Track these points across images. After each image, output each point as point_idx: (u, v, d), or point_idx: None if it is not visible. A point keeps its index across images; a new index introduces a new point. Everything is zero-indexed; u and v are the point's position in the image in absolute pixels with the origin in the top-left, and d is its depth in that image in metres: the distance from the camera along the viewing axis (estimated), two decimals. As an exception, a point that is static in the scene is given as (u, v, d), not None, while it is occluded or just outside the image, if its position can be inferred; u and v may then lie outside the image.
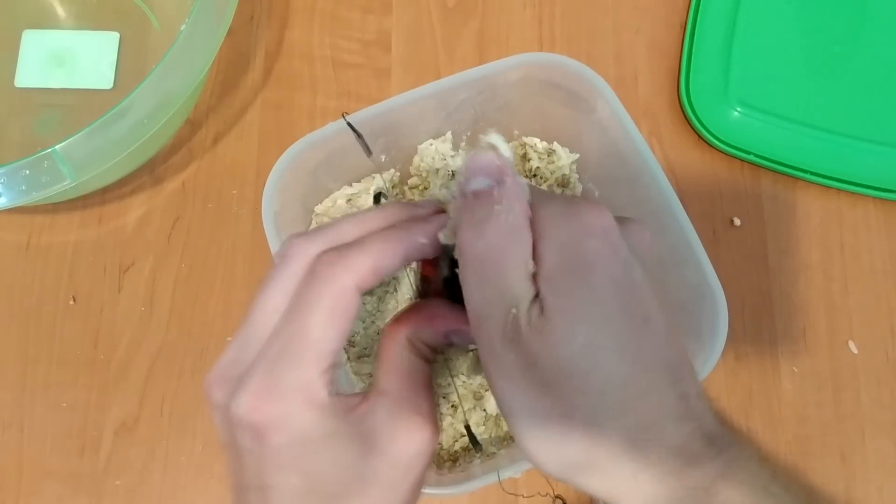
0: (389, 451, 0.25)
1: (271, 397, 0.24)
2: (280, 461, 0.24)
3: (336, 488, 0.24)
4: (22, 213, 0.49)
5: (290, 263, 0.26)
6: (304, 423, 0.24)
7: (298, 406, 0.24)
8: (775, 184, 0.52)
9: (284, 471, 0.24)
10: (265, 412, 0.24)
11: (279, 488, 0.24)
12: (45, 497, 0.45)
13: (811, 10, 0.54)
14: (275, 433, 0.24)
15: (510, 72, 0.42)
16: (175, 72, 0.42)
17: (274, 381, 0.24)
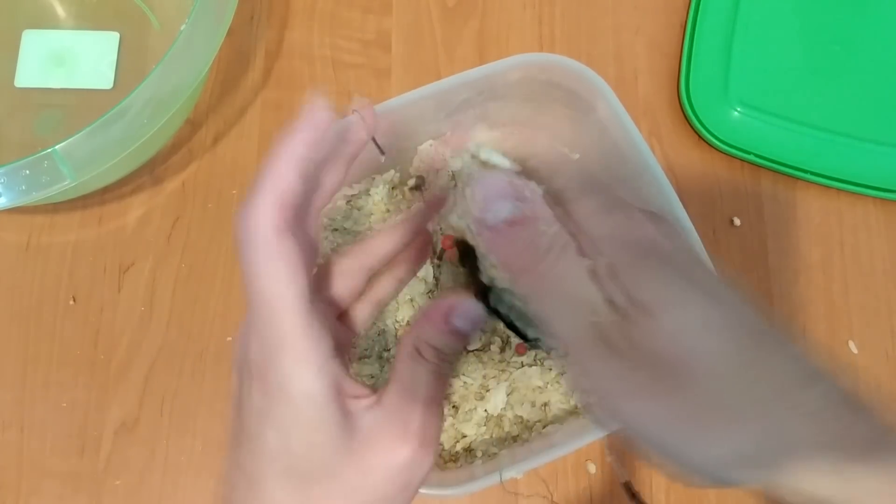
0: (365, 458, 0.24)
1: (262, 333, 0.24)
2: (262, 408, 0.24)
3: (305, 463, 0.24)
4: (22, 213, 0.49)
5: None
6: (285, 363, 0.24)
7: (278, 335, 0.24)
8: (775, 184, 0.52)
9: (268, 424, 0.24)
10: (257, 350, 0.25)
11: (260, 442, 0.25)
12: (45, 497, 0.45)
13: (811, 10, 0.54)
14: (265, 373, 0.24)
15: (510, 72, 0.42)
16: (175, 72, 0.42)
17: (259, 317, 0.25)
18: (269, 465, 0.25)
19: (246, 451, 0.25)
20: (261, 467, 0.25)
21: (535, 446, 0.40)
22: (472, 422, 0.42)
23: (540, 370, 0.43)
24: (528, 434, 0.42)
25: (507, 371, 0.43)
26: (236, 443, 0.26)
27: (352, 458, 0.24)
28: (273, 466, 0.24)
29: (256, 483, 0.25)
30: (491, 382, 0.43)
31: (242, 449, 0.25)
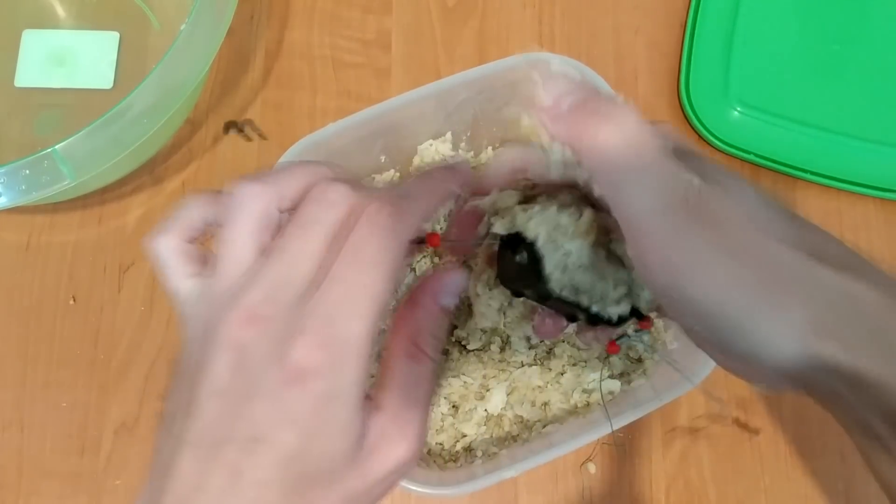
0: (367, 463, 0.24)
1: (331, 342, 0.23)
2: (295, 412, 0.23)
3: (315, 470, 0.23)
4: (22, 213, 0.49)
5: (330, 209, 0.25)
6: (346, 378, 0.23)
7: (351, 359, 0.23)
8: (775, 183, 0.52)
9: (291, 426, 0.23)
10: (321, 356, 0.23)
11: (272, 444, 0.23)
12: (45, 497, 0.45)
13: (811, 10, 0.54)
14: (318, 378, 0.23)
15: (510, 72, 0.42)
16: (175, 72, 0.42)
17: (336, 328, 0.23)
18: (277, 470, 0.23)
19: (240, 448, 0.23)
20: (263, 470, 0.23)
21: (535, 446, 0.40)
22: (472, 421, 0.42)
23: (540, 370, 0.43)
24: (528, 434, 0.42)
25: (507, 371, 0.43)
26: (208, 434, 0.23)
27: (356, 465, 0.24)
28: (282, 471, 0.23)
29: (251, 484, 0.23)
30: (491, 382, 0.43)
31: (233, 445, 0.23)
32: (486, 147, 0.48)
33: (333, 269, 0.24)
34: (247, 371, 0.23)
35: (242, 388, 0.23)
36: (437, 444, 0.42)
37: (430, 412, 0.26)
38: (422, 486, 0.35)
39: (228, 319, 0.23)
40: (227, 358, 0.23)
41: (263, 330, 0.23)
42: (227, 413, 0.23)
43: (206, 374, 0.23)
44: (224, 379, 0.23)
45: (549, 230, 0.28)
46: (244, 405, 0.23)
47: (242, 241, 0.25)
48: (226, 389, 0.23)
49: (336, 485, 0.24)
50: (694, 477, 0.46)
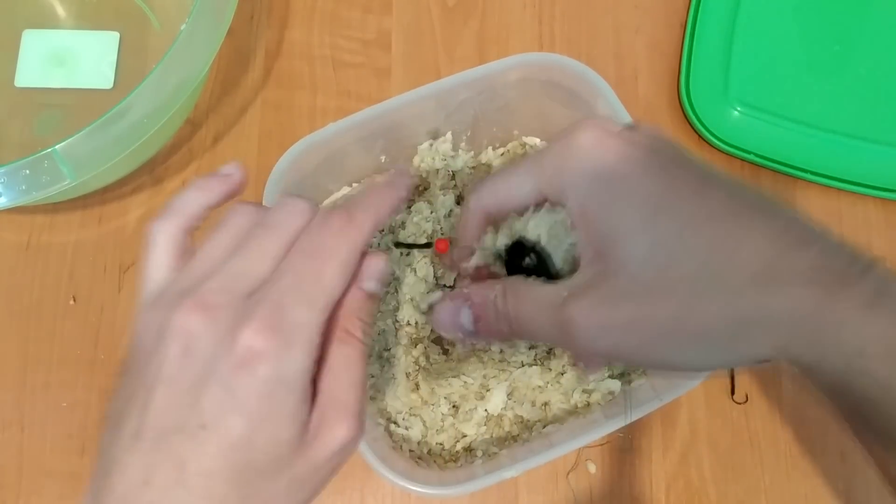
0: (311, 448, 0.25)
1: (279, 328, 0.23)
2: (243, 398, 0.23)
3: (262, 458, 0.23)
4: (22, 213, 0.49)
5: (295, 216, 0.26)
6: (293, 364, 0.24)
7: (298, 345, 0.24)
8: (775, 183, 0.52)
9: (239, 412, 0.23)
10: (268, 341, 0.23)
11: (219, 431, 0.23)
12: (45, 497, 0.45)
13: (811, 10, 0.54)
14: (264, 363, 0.23)
15: (510, 72, 0.42)
16: (175, 72, 0.42)
17: (285, 314, 0.24)
18: (224, 459, 0.23)
19: (187, 437, 0.23)
20: (209, 459, 0.23)
21: (535, 446, 0.40)
22: (473, 421, 0.42)
23: (540, 370, 0.43)
24: (529, 434, 0.42)
25: (507, 371, 0.43)
26: (156, 424, 0.23)
27: (302, 450, 0.24)
28: (228, 460, 0.23)
29: (196, 475, 0.23)
30: (491, 382, 0.43)
31: (181, 435, 0.23)
32: (486, 147, 0.48)
33: (284, 262, 0.25)
34: (196, 358, 0.23)
35: (191, 375, 0.23)
36: (437, 444, 0.42)
37: (367, 392, 0.28)
38: (422, 486, 0.35)
39: (181, 308, 0.24)
40: (177, 346, 0.24)
41: (213, 317, 0.24)
42: (175, 402, 0.23)
43: (155, 364, 0.24)
44: (174, 367, 0.23)
45: (548, 228, 0.29)
46: (192, 392, 0.23)
47: (218, 249, 0.26)
48: (175, 378, 0.23)
49: (283, 472, 0.24)
50: (694, 477, 0.46)
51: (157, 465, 0.23)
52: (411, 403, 0.42)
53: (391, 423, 0.42)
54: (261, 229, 0.26)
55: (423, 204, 0.45)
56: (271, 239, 0.26)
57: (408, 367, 0.43)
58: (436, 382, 0.43)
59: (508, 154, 0.48)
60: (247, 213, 0.27)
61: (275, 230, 0.26)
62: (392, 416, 0.42)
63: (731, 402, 0.48)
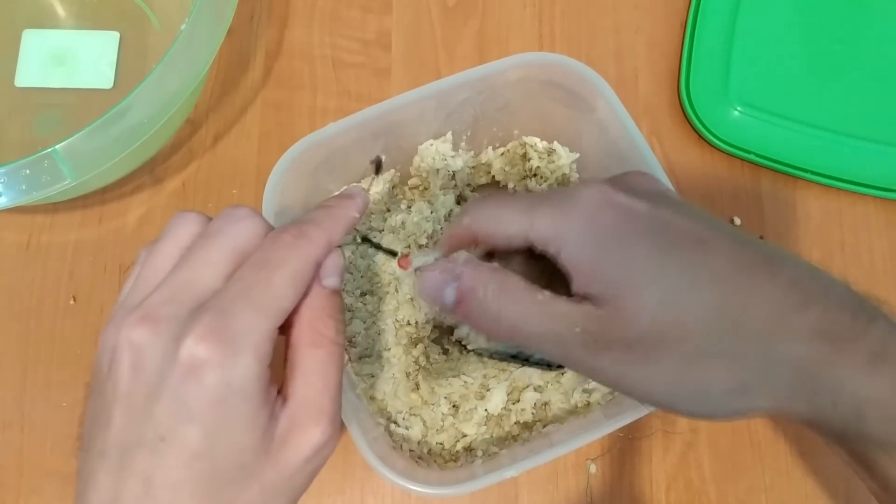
0: (281, 454, 0.25)
1: (223, 335, 0.23)
2: (195, 407, 0.23)
3: (225, 465, 0.23)
4: (22, 213, 0.49)
5: (236, 222, 0.26)
6: (242, 371, 0.23)
7: (245, 351, 0.23)
8: (775, 183, 0.52)
9: (193, 421, 0.23)
10: (211, 348, 0.23)
11: (177, 442, 0.23)
12: (46, 497, 0.45)
13: (811, 10, 0.54)
14: (211, 370, 0.23)
15: (510, 71, 0.42)
16: (175, 72, 0.42)
17: (228, 321, 0.24)
18: (186, 469, 0.23)
19: (148, 451, 0.23)
20: (173, 471, 0.23)
21: (535, 446, 0.40)
22: (473, 421, 0.42)
23: (540, 370, 0.43)
24: (529, 434, 0.42)
25: (507, 371, 0.43)
26: (118, 441, 0.23)
27: (270, 457, 0.24)
28: (191, 470, 0.23)
29: (163, 488, 0.23)
30: (491, 382, 0.43)
31: (142, 450, 0.23)
32: (486, 147, 0.48)
33: (234, 276, 0.25)
34: (145, 372, 0.23)
35: (143, 389, 0.23)
36: (438, 444, 0.42)
37: (342, 393, 0.27)
38: (422, 486, 0.35)
39: (126, 323, 0.24)
40: (127, 362, 0.24)
41: (158, 330, 0.24)
42: (132, 417, 0.23)
43: (111, 382, 0.24)
44: (125, 382, 0.24)
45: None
46: (146, 407, 0.23)
47: (163, 258, 0.26)
48: (128, 393, 0.24)
49: (252, 479, 0.24)
50: (694, 477, 0.46)
51: (124, 481, 0.23)
52: (411, 403, 0.42)
53: (391, 423, 0.42)
54: (203, 238, 0.26)
55: (424, 204, 0.45)
56: (214, 247, 0.26)
57: (408, 367, 0.43)
58: (436, 382, 0.43)
59: (508, 154, 0.48)
60: (189, 223, 0.27)
61: (217, 238, 0.26)
62: (392, 415, 0.42)
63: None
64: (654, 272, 0.24)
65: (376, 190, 0.45)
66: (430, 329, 0.45)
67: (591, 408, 0.42)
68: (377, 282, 0.44)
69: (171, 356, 0.23)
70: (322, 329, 0.26)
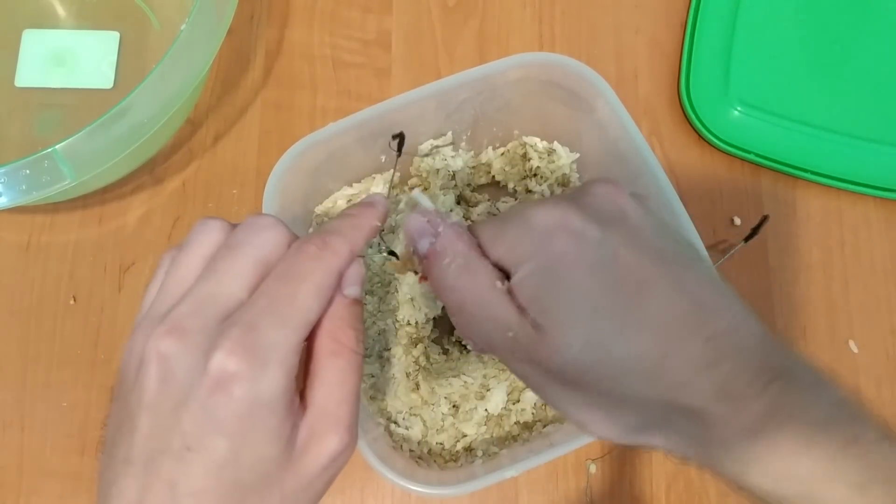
0: (301, 462, 0.25)
1: (252, 349, 0.24)
2: (223, 419, 0.23)
3: (249, 475, 0.24)
4: (22, 213, 0.49)
5: (259, 231, 0.26)
6: (269, 384, 0.24)
7: (273, 365, 0.24)
8: (775, 183, 0.52)
9: (220, 433, 0.23)
10: (240, 362, 0.23)
11: (204, 452, 0.23)
12: (46, 497, 0.45)
13: (811, 10, 0.54)
14: (239, 383, 0.23)
15: (510, 71, 0.42)
16: (175, 72, 0.42)
17: (256, 336, 0.24)
18: (211, 478, 0.23)
19: (174, 460, 0.23)
20: (198, 480, 0.23)
21: (535, 446, 0.40)
22: (473, 421, 0.42)
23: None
24: (529, 434, 0.42)
25: (507, 371, 0.43)
26: (144, 448, 0.24)
27: (291, 465, 0.25)
28: (216, 479, 0.23)
29: (187, 496, 0.23)
30: (491, 382, 0.43)
31: (167, 457, 0.23)
32: (486, 147, 0.48)
33: (259, 288, 0.25)
34: (173, 383, 0.24)
35: (171, 399, 0.24)
36: (438, 444, 0.42)
37: (360, 402, 0.28)
38: (422, 486, 0.35)
39: (155, 334, 0.24)
40: (155, 372, 0.24)
41: (187, 341, 0.24)
42: (158, 426, 0.24)
43: (138, 390, 0.24)
44: (152, 391, 0.24)
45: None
46: (173, 416, 0.24)
47: (188, 267, 0.26)
48: (156, 402, 0.24)
49: (273, 487, 0.24)
50: (694, 477, 0.46)
51: (149, 488, 0.23)
52: (411, 403, 0.42)
53: (391, 423, 0.42)
54: (227, 249, 0.26)
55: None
56: (239, 258, 0.26)
57: (408, 367, 0.43)
58: (436, 382, 0.43)
59: (508, 154, 0.48)
60: (213, 231, 0.27)
61: (241, 249, 0.26)
62: (392, 415, 0.42)
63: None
64: (587, 313, 0.25)
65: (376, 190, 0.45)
66: (430, 329, 0.45)
67: (591, 408, 0.42)
68: (377, 282, 0.44)
69: (200, 368, 0.24)
70: (342, 338, 0.27)
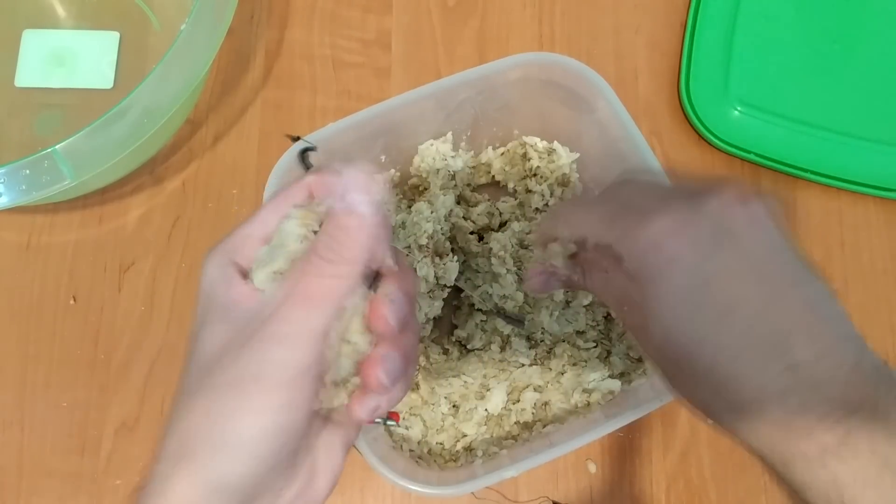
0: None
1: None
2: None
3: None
4: (22, 213, 0.49)
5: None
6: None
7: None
8: (775, 183, 0.52)
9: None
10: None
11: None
12: (46, 497, 0.45)
13: (811, 10, 0.54)
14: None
15: (510, 71, 0.42)
16: (175, 72, 0.42)
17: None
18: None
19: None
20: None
21: (535, 446, 0.40)
22: (473, 421, 0.42)
23: (540, 370, 0.43)
24: (529, 434, 0.42)
25: (507, 371, 0.43)
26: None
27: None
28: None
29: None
30: (491, 382, 0.43)
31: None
32: (486, 147, 0.48)
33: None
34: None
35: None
36: (438, 444, 0.42)
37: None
38: (422, 486, 0.35)
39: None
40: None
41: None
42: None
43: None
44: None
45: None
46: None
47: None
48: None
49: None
50: (694, 476, 0.46)
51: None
52: (411, 403, 0.42)
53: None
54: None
55: (423, 204, 0.45)
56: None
57: (408, 367, 0.43)
58: (436, 382, 0.43)
59: (508, 154, 0.48)
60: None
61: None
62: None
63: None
64: (672, 328, 0.27)
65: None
66: (430, 329, 0.45)
67: (591, 408, 0.42)
68: (377, 282, 0.44)
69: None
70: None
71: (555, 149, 0.47)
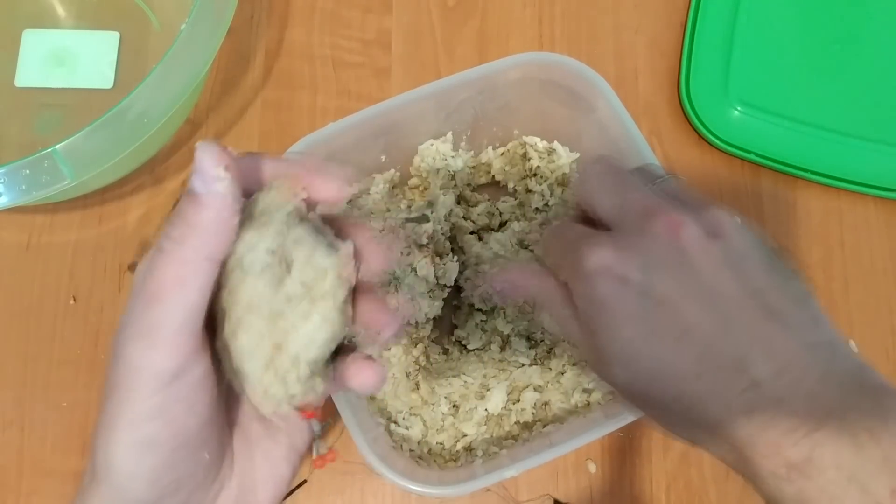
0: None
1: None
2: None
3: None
4: (22, 213, 0.49)
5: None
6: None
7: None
8: (775, 183, 0.52)
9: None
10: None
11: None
12: (46, 496, 0.45)
13: (811, 9, 0.54)
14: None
15: (510, 71, 0.42)
16: (175, 72, 0.42)
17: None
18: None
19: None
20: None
21: (535, 446, 0.40)
22: (473, 421, 0.42)
23: (540, 370, 0.43)
24: (529, 434, 0.42)
25: (507, 371, 0.43)
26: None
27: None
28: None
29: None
30: (491, 382, 0.43)
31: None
32: (486, 147, 0.48)
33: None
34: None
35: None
36: (438, 444, 0.42)
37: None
38: (422, 486, 0.35)
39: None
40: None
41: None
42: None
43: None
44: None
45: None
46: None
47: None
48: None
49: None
50: (694, 476, 0.46)
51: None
52: (411, 403, 0.42)
53: (391, 423, 0.42)
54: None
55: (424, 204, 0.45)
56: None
57: (408, 367, 0.43)
58: (436, 382, 0.43)
59: (508, 154, 0.48)
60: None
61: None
62: (392, 415, 0.42)
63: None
64: (625, 355, 0.27)
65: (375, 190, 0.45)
66: (430, 329, 0.45)
67: (591, 408, 0.42)
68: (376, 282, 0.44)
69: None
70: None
71: (555, 149, 0.47)
